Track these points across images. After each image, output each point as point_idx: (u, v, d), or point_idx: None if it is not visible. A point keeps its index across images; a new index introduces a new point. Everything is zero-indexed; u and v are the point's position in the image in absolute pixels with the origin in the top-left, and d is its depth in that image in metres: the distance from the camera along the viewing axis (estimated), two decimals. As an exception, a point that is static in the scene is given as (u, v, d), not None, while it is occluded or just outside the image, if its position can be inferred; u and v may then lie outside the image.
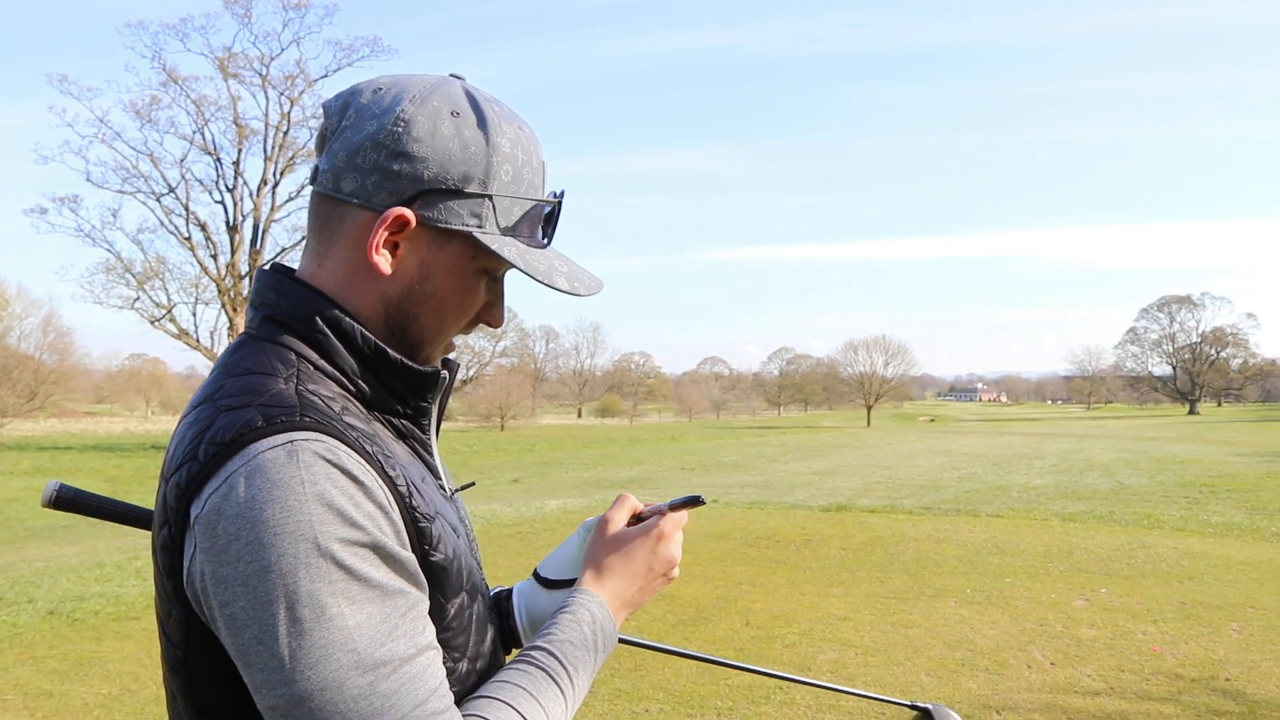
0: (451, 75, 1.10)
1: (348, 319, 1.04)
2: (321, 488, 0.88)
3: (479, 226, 1.05)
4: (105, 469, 25.70)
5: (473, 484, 1.28)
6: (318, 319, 1.04)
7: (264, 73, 35.33)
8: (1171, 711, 5.06)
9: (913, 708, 1.57)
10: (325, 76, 36.69)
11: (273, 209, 36.08)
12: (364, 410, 1.05)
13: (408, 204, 1.03)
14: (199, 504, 0.89)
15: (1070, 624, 6.84)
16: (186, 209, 35.08)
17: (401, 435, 1.11)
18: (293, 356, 1.02)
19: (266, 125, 35.86)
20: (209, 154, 35.38)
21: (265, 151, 35.88)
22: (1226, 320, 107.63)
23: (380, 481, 0.94)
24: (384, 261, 1.03)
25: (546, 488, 19.15)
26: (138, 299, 34.79)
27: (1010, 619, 6.99)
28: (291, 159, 36.13)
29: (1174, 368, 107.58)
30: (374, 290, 1.06)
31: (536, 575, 1.27)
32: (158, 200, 34.88)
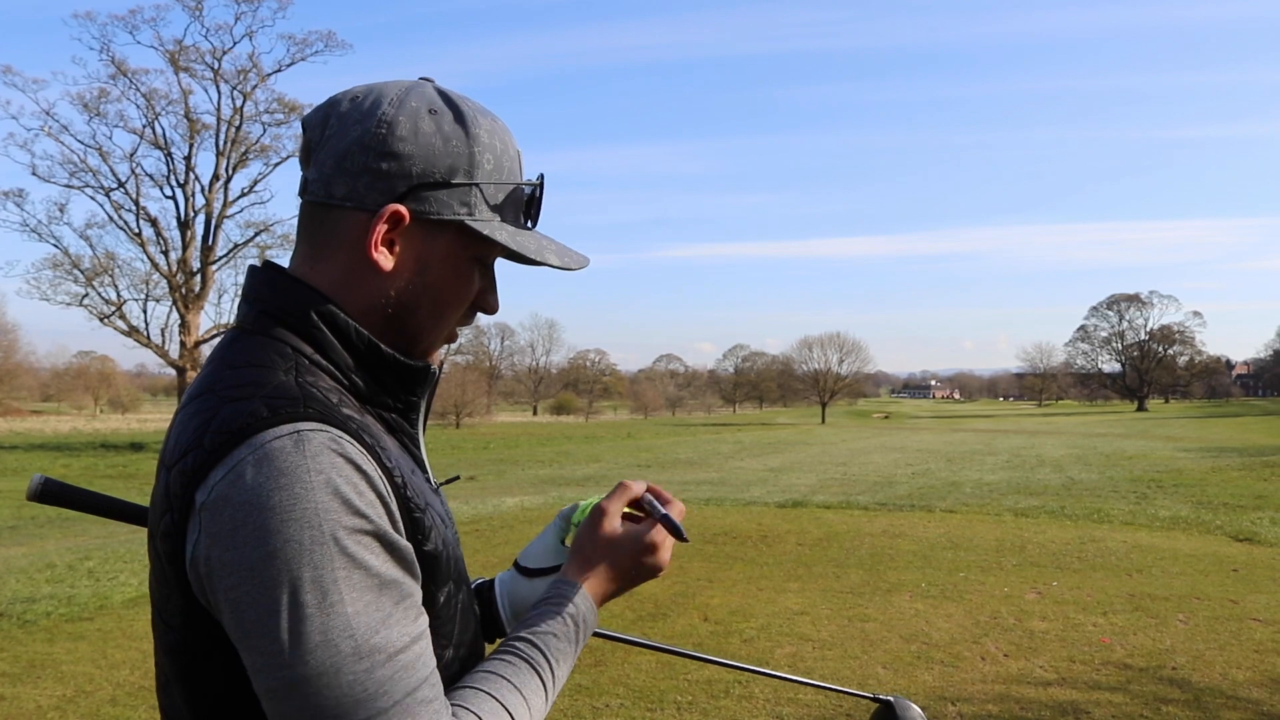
0: (421, 79, 1.14)
1: (342, 314, 1.07)
2: (328, 476, 0.90)
3: (469, 214, 1.09)
4: (53, 468, 25.22)
5: (457, 478, 1.31)
6: (312, 314, 1.06)
7: (216, 66, 34.86)
8: (1121, 700, 5.17)
9: (874, 700, 1.59)
10: (279, 71, 36.26)
11: (225, 204, 35.62)
12: (357, 404, 1.07)
13: (399, 201, 1.06)
14: (204, 490, 0.91)
15: (1023, 616, 6.96)
16: (137, 204, 34.53)
17: (391, 429, 1.12)
18: (289, 350, 1.04)
19: (219, 120, 35.39)
20: (160, 148, 34.85)
21: (217, 146, 35.40)
22: (1174, 318, 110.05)
23: (379, 472, 0.96)
24: (383, 258, 1.06)
25: (503, 486, 19.08)
26: (86, 295, 34.19)
27: (964, 612, 7.09)
28: (244, 154, 35.68)
29: (1123, 365, 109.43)
30: (372, 287, 1.09)
31: (517, 565, 1.33)
32: (107, 195, 34.34)
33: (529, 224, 1.17)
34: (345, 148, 1.06)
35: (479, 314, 1.19)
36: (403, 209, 1.06)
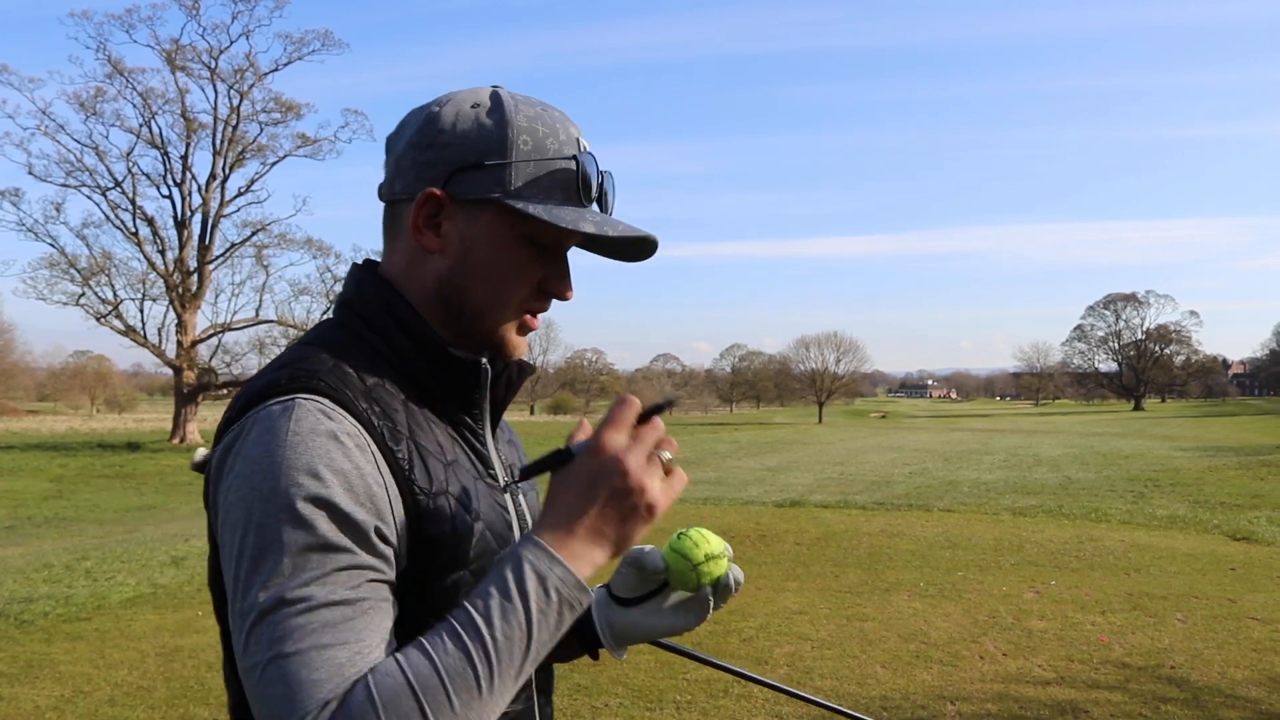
0: (492, 86, 1.20)
1: (404, 305, 1.14)
2: (305, 441, 0.96)
3: (503, 193, 1.13)
4: (50, 468, 25.16)
5: (517, 480, 1.24)
6: (376, 303, 1.15)
7: (212, 65, 34.84)
8: (1120, 699, 5.17)
9: None
10: (275, 70, 36.27)
11: (222, 204, 35.58)
12: (400, 390, 1.12)
13: (441, 187, 1.13)
14: (220, 447, 1.02)
15: (1021, 616, 6.96)
16: (133, 203, 34.49)
17: (451, 421, 1.18)
18: (347, 335, 1.14)
19: (215, 119, 35.36)
20: (156, 148, 34.81)
21: (214, 145, 35.37)
22: (1170, 318, 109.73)
23: (375, 450, 1.02)
24: (429, 240, 1.14)
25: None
26: (83, 295, 34.14)
27: (963, 611, 7.09)
28: (241, 153, 35.66)
29: (1120, 364, 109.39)
30: (428, 271, 1.16)
31: (609, 592, 1.30)
32: (103, 194, 34.29)
33: (590, 205, 1.17)
34: (402, 148, 1.16)
35: (553, 300, 1.20)
36: (438, 191, 1.12)
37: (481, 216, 1.13)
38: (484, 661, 0.91)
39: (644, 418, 1.01)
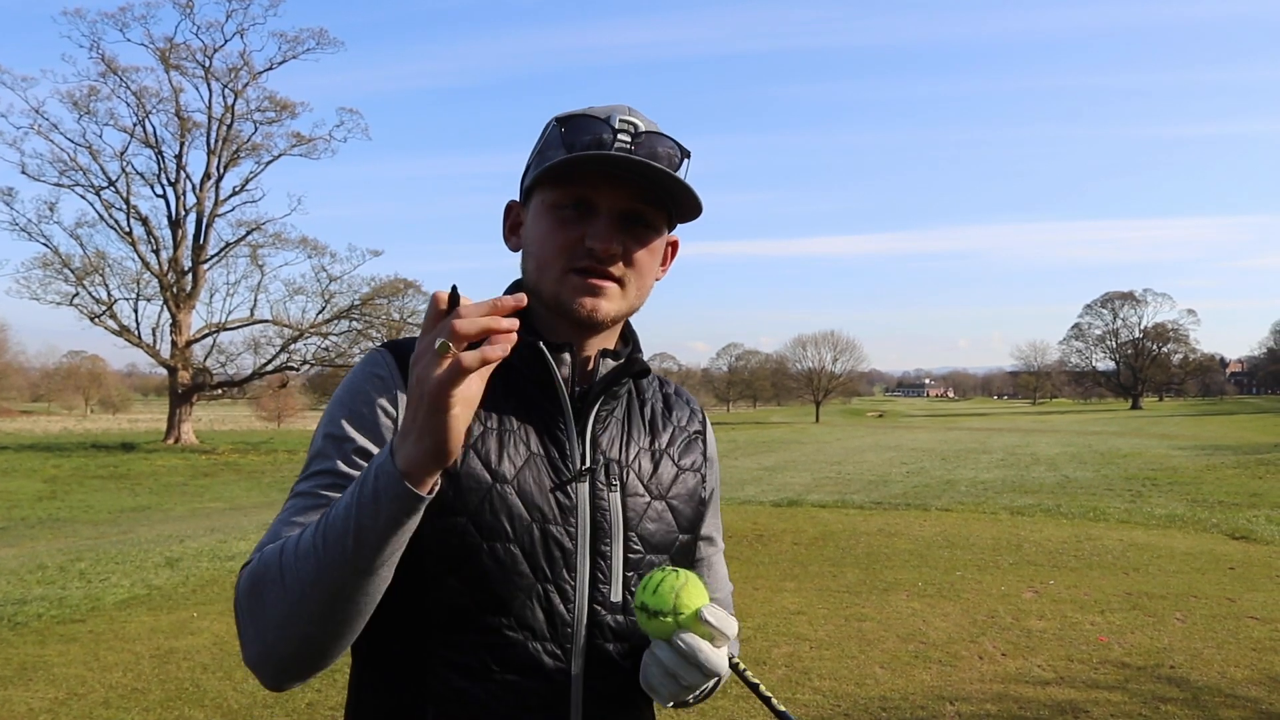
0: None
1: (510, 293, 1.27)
2: (351, 379, 1.27)
3: (532, 179, 1.29)
4: (44, 469, 25.11)
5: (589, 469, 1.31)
6: None
7: (207, 64, 34.75)
8: (1119, 699, 5.14)
9: None
10: (270, 69, 36.22)
11: (216, 203, 35.49)
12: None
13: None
14: None
15: (1020, 615, 6.94)
16: (127, 203, 34.41)
17: (532, 401, 1.30)
18: None
19: (210, 118, 35.29)
20: (150, 147, 34.73)
21: (208, 145, 35.30)
22: (1168, 316, 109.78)
23: (398, 388, 1.24)
24: (513, 241, 1.37)
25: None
26: (77, 295, 34.02)
27: (961, 611, 7.07)
28: (236, 152, 35.59)
29: (1117, 363, 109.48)
30: (521, 267, 1.35)
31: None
32: (97, 194, 34.19)
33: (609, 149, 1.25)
34: None
35: (600, 256, 1.25)
36: (512, 202, 1.38)
37: (530, 207, 1.31)
38: (321, 534, 1.05)
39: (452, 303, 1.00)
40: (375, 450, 1.19)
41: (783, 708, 1.17)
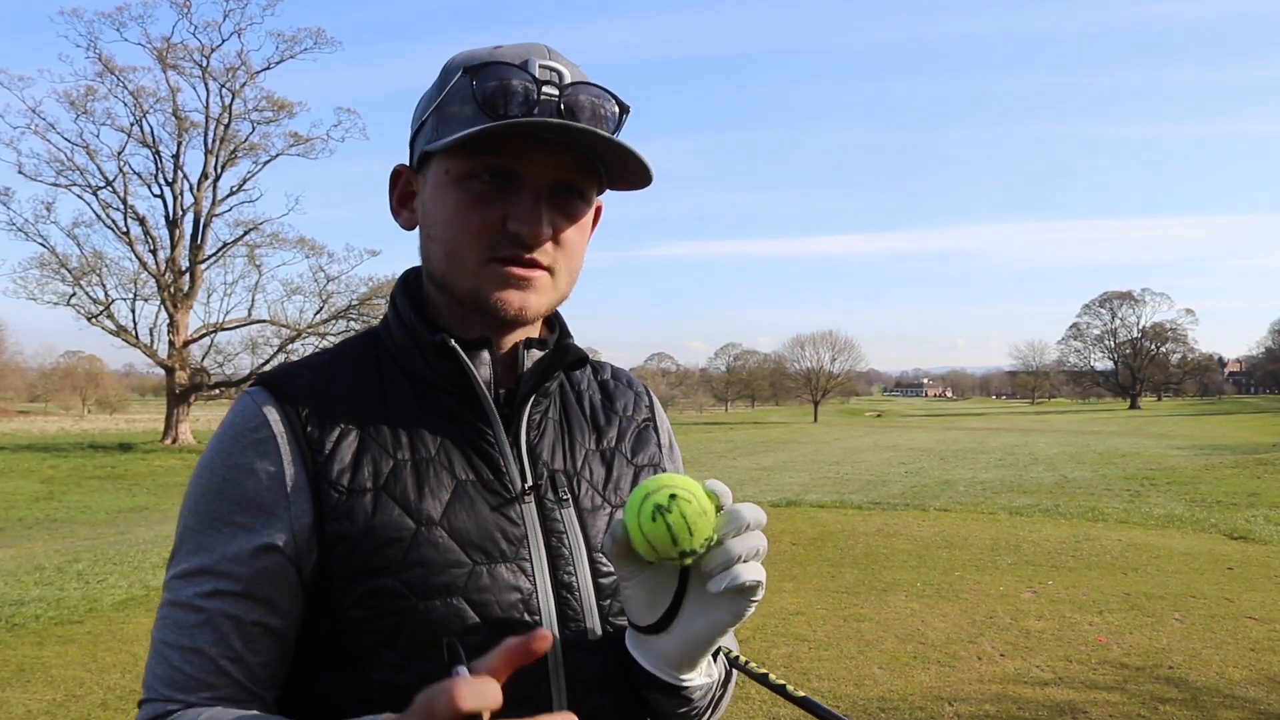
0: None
1: (402, 294, 1.12)
2: (219, 439, 1.04)
3: (429, 142, 1.05)
4: (41, 469, 25.07)
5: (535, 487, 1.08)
6: (389, 297, 1.14)
7: (204, 64, 34.65)
8: (1118, 700, 5.14)
9: None
10: (268, 68, 36.08)
11: (214, 203, 35.42)
12: (392, 383, 1.08)
13: (409, 163, 1.12)
14: None
15: (1018, 616, 6.93)
16: (124, 203, 34.32)
17: (451, 415, 1.08)
18: (363, 335, 1.15)
19: (207, 118, 35.18)
20: (148, 146, 34.62)
21: (206, 144, 35.20)
22: (1166, 316, 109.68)
23: (289, 446, 1.01)
24: (404, 218, 1.13)
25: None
26: (74, 295, 33.90)
27: (960, 611, 7.07)
28: (233, 152, 35.51)
29: (1115, 362, 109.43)
30: (421, 252, 1.11)
31: (631, 624, 1.03)
32: (94, 194, 34.08)
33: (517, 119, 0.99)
34: None
35: (526, 242, 1.02)
36: (400, 167, 1.12)
37: (429, 175, 1.06)
38: None
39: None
40: (258, 539, 0.98)
41: (801, 693, 1.01)
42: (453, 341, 1.04)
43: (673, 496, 0.91)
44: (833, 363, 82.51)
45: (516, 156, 1.00)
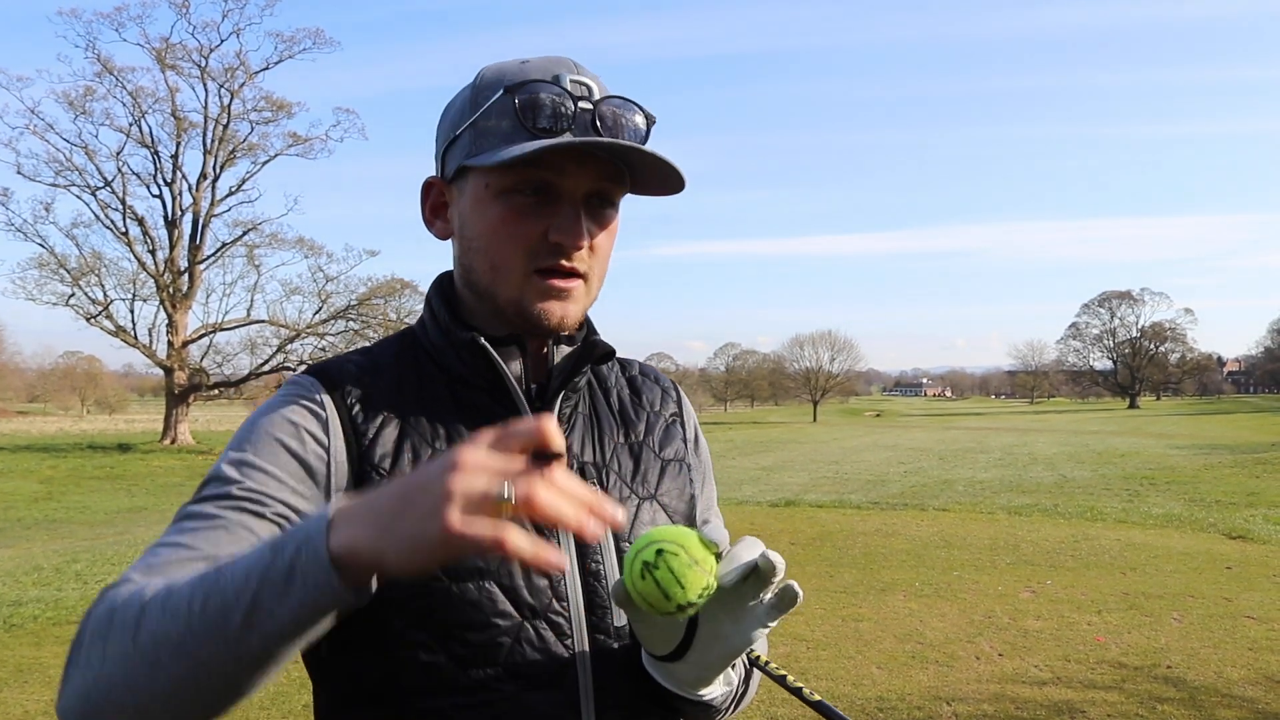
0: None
1: (437, 296, 1.16)
2: (265, 411, 1.05)
3: (468, 156, 1.07)
4: (40, 469, 25.06)
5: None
6: (426, 299, 1.19)
7: (203, 64, 34.61)
8: (1116, 700, 5.14)
9: None
10: (266, 68, 36.03)
11: (213, 203, 35.39)
12: (429, 379, 1.12)
13: (440, 173, 1.14)
14: None
15: (1017, 615, 6.93)
16: (123, 203, 34.28)
17: (486, 411, 1.11)
18: (403, 333, 1.19)
19: (206, 118, 35.13)
20: (146, 147, 34.58)
21: (205, 145, 35.15)
22: (1165, 315, 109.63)
23: (336, 426, 1.05)
24: (438, 230, 1.16)
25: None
26: (72, 295, 33.87)
27: (958, 611, 7.06)
28: (232, 153, 35.47)
29: (1115, 362, 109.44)
30: (455, 261, 1.15)
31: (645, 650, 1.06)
32: (93, 194, 34.05)
33: (554, 136, 1.03)
34: None
35: (567, 253, 1.06)
36: (432, 179, 1.15)
37: (466, 188, 1.09)
38: (202, 596, 0.79)
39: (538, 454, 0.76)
40: (297, 492, 0.99)
41: (817, 696, 1.03)
42: (483, 339, 1.09)
43: (659, 552, 0.91)
44: (832, 362, 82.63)
45: (555, 170, 1.04)
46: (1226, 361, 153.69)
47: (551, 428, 0.75)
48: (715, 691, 1.06)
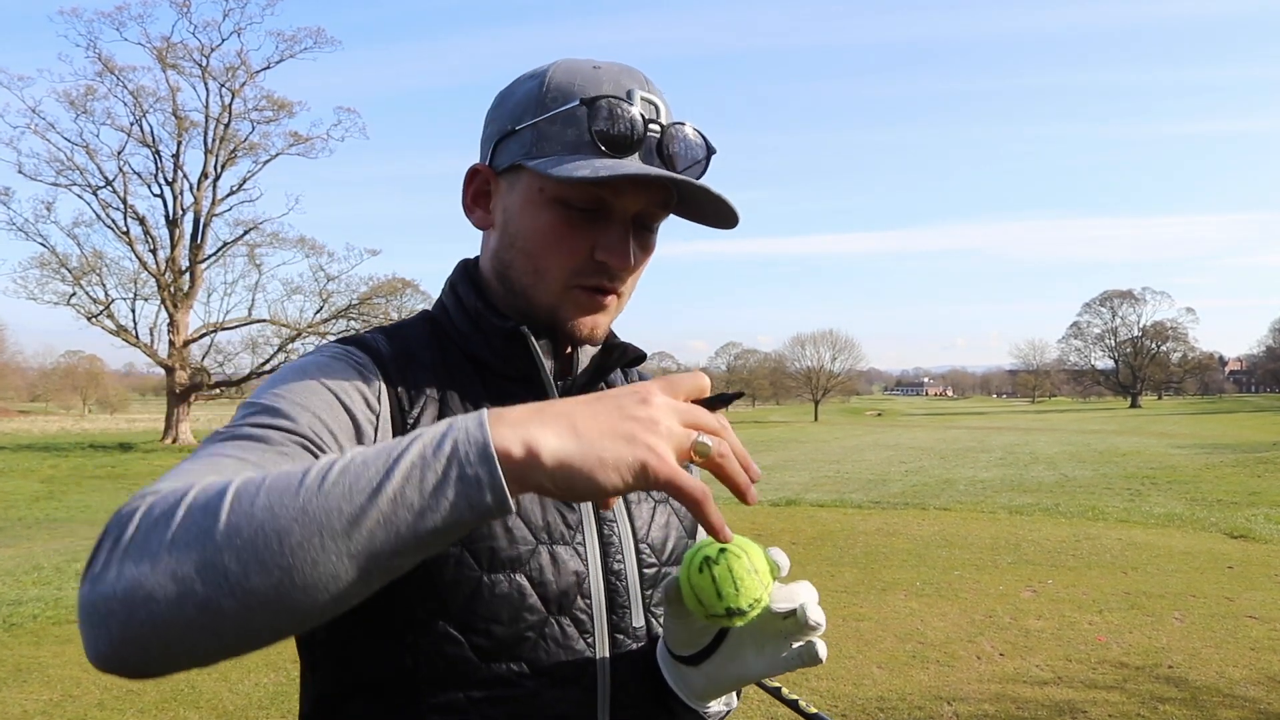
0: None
1: (465, 283, 1.15)
2: (309, 358, 1.02)
3: (527, 156, 1.04)
4: (41, 469, 25.06)
5: None
6: (447, 284, 1.18)
7: (204, 64, 34.61)
8: (1117, 699, 5.13)
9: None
10: (267, 68, 36.04)
11: (214, 203, 35.40)
12: (457, 365, 1.10)
13: (489, 162, 1.10)
14: None
15: (1018, 615, 6.92)
16: (124, 202, 34.28)
17: (513, 399, 1.01)
18: (424, 316, 1.17)
19: (207, 117, 35.14)
20: (147, 146, 34.59)
21: (206, 144, 35.16)
22: (1167, 315, 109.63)
23: (383, 389, 1.02)
24: (477, 218, 1.13)
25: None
26: (74, 295, 33.88)
27: (959, 611, 7.05)
28: (233, 152, 35.48)
29: (1116, 361, 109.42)
30: (488, 248, 1.13)
31: (668, 649, 1.06)
32: (94, 193, 34.06)
33: (621, 156, 1.02)
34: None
35: (612, 271, 1.06)
36: (479, 166, 1.11)
37: (517, 185, 1.07)
38: (320, 472, 0.69)
39: (709, 404, 0.81)
40: (335, 435, 0.93)
41: (814, 709, 1.05)
42: (525, 329, 1.08)
43: (722, 551, 0.91)
44: (833, 362, 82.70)
45: (614, 190, 1.03)
46: (1228, 361, 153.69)
47: (708, 385, 0.79)
48: (713, 709, 1.09)
